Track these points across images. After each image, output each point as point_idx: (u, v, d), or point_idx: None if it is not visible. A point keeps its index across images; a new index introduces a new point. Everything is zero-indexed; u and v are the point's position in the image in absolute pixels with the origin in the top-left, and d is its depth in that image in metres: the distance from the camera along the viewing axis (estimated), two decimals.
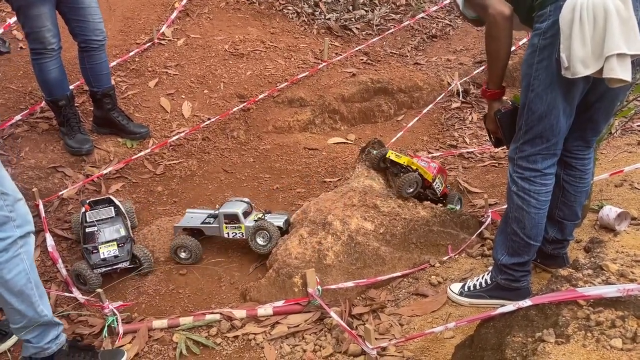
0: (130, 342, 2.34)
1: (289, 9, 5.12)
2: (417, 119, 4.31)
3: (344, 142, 4.14)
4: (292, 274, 2.53)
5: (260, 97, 4.12)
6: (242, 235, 2.86)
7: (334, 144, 4.09)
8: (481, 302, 2.33)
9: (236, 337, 2.37)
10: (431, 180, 2.94)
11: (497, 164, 3.81)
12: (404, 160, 2.98)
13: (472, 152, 3.97)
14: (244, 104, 4.08)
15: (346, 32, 5.02)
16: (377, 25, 5.16)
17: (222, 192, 3.55)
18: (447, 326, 2.03)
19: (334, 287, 2.48)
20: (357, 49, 4.72)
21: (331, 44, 4.74)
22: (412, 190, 2.90)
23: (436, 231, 2.81)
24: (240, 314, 2.45)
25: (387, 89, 4.44)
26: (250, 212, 2.95)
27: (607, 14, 1.74)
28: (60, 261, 2.78)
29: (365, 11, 5.33)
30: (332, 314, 2.28)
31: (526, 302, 1.67)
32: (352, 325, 2.33)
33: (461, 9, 2.19)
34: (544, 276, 2.43)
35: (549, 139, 2.03)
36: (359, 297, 2.55)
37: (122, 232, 2.78)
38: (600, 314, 1.52)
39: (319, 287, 2.43)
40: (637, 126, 3.88)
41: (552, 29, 1.87)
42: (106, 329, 2.37)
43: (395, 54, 4.87)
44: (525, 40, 4.43)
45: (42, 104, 3.64)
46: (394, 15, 5.39)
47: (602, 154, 3.48)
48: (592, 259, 1.82)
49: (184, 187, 3.56)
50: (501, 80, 2.15)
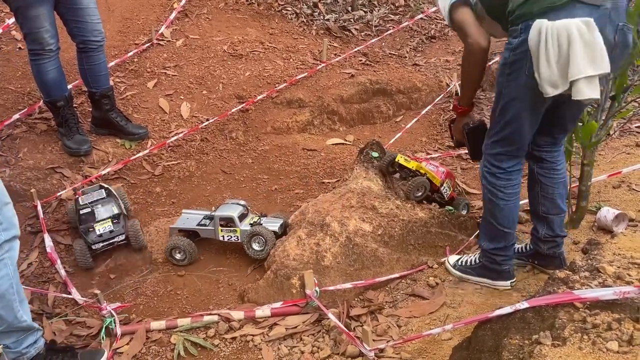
0: (128, 344, 2.34)
1: (287, 10, 5.12)
2: (415, 120, 4.31)
3: (343, 143, 4.14)
4: (290, 276, 2.53)
5: (259, 98, 4.12)
6: (238, 238, 2.87)
7: (333, 145, 4.10)
8: (469, 277, 2.53)
9: (234, 338, 2.37)
10: (439, 184, 3.00)
11: None
12: (412, 164, 3.04)
13: None
14: (242, 105, 4.08)
15: (345, 33, 5.02)
16: (376, 26, 5.16)
17: (220, 193, 3.55)
18: (444, 328, 2.04)
19: (331, 288, 2.48)
20: (356, 49, 4.72)
21: (330, 45, 4.74)
22: (420, 194, 2.98)
23: (434, 232, 2.81)
24: (238, 315, 2.45)
25: (386, 90, 4.44)
26: (246, 215, 2.95)
27: (570, 38, 1.82)
28: (58, 262, 2.79)
29: (364, 12, 5.33)
30: (330, 316, 2.29)
31: (523, 304, 1.67)
32: (349, 326, 2.33)
33: (447, 22, 2.31)
34: (541, 278, 2.44)
35: (513, 143, 2.20)
36: (356, 299, 2.55)
37: (115, 210, 2.92)
38: (596, 317, 1.53)
39: (316, 288, 2.44)
40: (636, 127, 3.88)
41: (522, 46, 1.96)
42: (104, 330, 2.37)
43: (394, 55, 4.88)
44: None
45: (41, 105, 3.63)
46: (392, 16, 5.39)
47: (600, 155, 3.49)
48: (589, 261, 1.82)
49: (183, 188, 3.56)
50: (471, 99, 2.39)
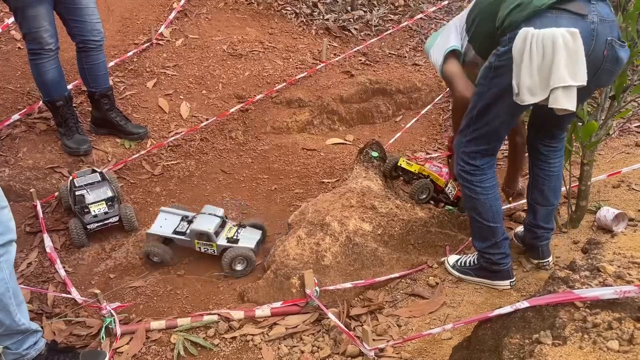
0: (127, 343, 2.34)
1: (287, 10, 5.11)
2: (415, 119, 4.31)
3: (342, 143, 4.14)
4: (290, 275, 2.53)
5: (258, 97, 4.12)
6: (215, 252, 2.84)
7: (332, 144, 4.10)
8: (468, 278, 2.54)
9: (234, 338, 2.37)
10: (443, 185, 3.01)
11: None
12: (415, 167, 3.06)
13: None
14: (242, 105, 4.08)
15: (344, 33, 5.02)
16: (375, 25, 5.16)
17: (220, 193, 3.55)
18: (444, 327, 2.04)
19: (331, 288, 2.48)
20: (355, 49, 4.72)
21: (329, 45, 4.74)
22: (424, 196, 3.00)
23: (434, 232, 2.82)
24: (238, 315, 2.45)
25: (386, 90, 4.44)
26: (224, 225, 2.89)
27: (555, 46, 1.86)
28: (58, 261, 2.79)
29: (363, 12, 5.32)
30: (330, 315, 2.29)
31: (523, 304, 1.67)
32: (349, 326, 2.33)
33: (439, 74, 2.49)
34: (541, 277, 2.44)
35: (489, 142, 2.27)
36: (356, 298, 2.55)
37: (109, 193, 3.03)
38: (597, 316, 1.53)
39: (316, 288, 2.44)
40: (635, 127, 3.88)
41: (507, 53, 2.02)
42: (104, 330, 2.37)
43: (393, 54, 4.87)
44: None
45: (40, 104, 3.63)
46: (392, 16, 5.38)
47: (599, 155, 3.49)
48: (589, 261, 1.83)
49: (182, 188, 3.56)
50: None
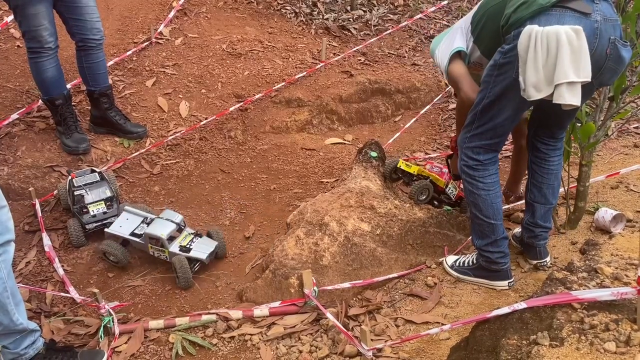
0: (126, 343, 2.34)
1: (287, 9, 5.11)
2: (414, 119, 4.31)
3: (342, 143, 4.14)
4: (289, 275, 2.53)
5: (257, 97, 4.12)
6: (167, 258, 2.79)
7: (332, 144, 4.10)
8: (467, 278, 2.54)
9: (232, 337, 2.37)
10: (444, 185, 3.00)
11: None
12: (414, 169, 3.05)
13: None
14: (241, 104, 4.08)
15: (344, 33, 5.02)
16: (375, 25, 5.16)
17: (219, 192, 3.55)
18: (442, 328, 2.04)
19: (330, 288, 2.49)
20: (355, 49, 4.72)
21: (329, 44, 4.74)
22: (424, 197, 2.99)
23: (432, 232, 2.82)
24: (236, 314, 2.45)
25: (385, 90, 4.45)
26: (181, 232, 2.83)
27: (559, 43, 1.89)
28: (57, 260, 2.78)
29: (363, 11, 5.32)
30: (328, 315, 2.29)
31: (521, 305, 1.68)
32: (348, 326, 2.34)
33: (444, 77, 2.51)
34: (539, 278, 2.45)
35: (493, 138, 2.28)
36: (355, 298, 2.55)
37: (108, 193, 3.04)
38: (594, 317, 1.53)
39: (315, 288, 2.44)
40: (634, 128, 3.89)
41: (512, 51, 2.04)
42: (102, 329, 2.37)
43: (393, 54, 4.87)
44: None
45: (39, 103, 3.63)
46: (391, 15, 5.39)
47: (598, 155, 3.50)
48: (586, 262, 1.83)
49: (181, 187, 3.56)
50: None
